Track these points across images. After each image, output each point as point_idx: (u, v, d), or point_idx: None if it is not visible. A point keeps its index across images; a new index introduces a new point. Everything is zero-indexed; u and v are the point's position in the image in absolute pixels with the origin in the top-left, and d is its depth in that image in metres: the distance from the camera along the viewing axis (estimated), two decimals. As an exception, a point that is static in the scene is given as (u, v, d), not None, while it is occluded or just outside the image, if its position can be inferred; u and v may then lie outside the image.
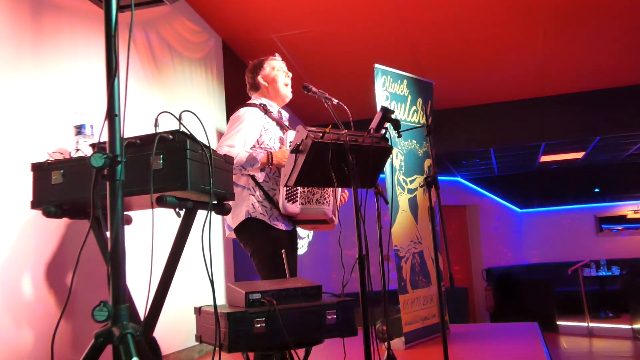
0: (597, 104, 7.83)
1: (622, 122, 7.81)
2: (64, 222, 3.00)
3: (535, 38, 6.05)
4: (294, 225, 3.13)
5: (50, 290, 2.90)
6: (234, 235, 3.10)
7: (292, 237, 3.12)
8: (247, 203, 2.98)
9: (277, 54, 3.34)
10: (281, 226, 3.02)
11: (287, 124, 3.26)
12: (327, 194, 3.09)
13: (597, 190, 11.60)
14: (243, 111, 3.09)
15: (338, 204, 3.15)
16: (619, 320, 8.58)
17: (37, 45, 3.06)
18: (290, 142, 3.04)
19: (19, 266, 2.76)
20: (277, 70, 3.25)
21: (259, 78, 3.25)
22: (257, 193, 2.99)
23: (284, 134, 3.15)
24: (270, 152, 2.97)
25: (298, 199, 2.97)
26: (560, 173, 11.54)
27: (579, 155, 10.07)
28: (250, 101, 3.24)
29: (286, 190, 2.95)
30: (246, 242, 3.02)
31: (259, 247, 2.97)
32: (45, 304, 2.86)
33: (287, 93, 3.27)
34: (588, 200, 11.55)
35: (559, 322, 8.37)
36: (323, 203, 3.05)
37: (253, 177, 3.01)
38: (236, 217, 3.00)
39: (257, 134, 3.05)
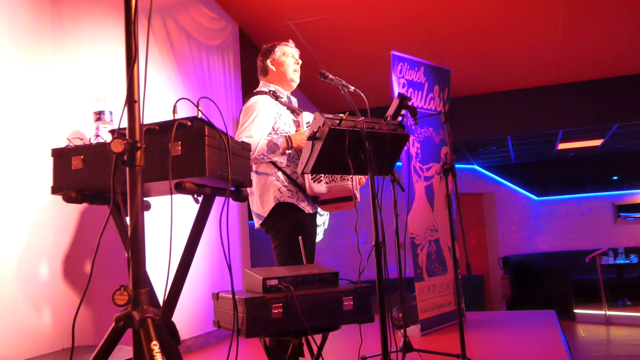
0: (616, 91, 7.71)
1: (641, 109, 7.70)
2: (81, 207, 3.04)
3: (554, 24, 5.96)
4: (316, 207, 3.14)
5: (68, 275, 2.93)
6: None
7: (314, 220, 3.14)
8: (273, 189, 2.98)
9: (290, 40, 3.31)
10: (308, 209, 3.03)
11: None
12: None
13: (615, 178, 11.47)
14: (255, 99, 3.08)
15: (358, 183, 3.15)
16: (637, 309, 8.51)
17: (56, 33, 3.08)
18: (307, 123, 3.04)
19: (38, 251, 2.80)
20: (287, 55, 3.23)
21: (268, 62, 3.23)
22: (282, 178, 3.00)
23: (296, 117, 3.15)
24: (289, 136, 2.98)
25: (323, 178, 2.98)
26: (578, 161, 11.43)
27: (597, 142, 9.95)
28: (259, 89, 3.23)
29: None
30: (270, 225, 3.02)
31: (282, 229, 2.97)
32: (63, 288, 2.90)
33: (294, 78, 3.25)
34: (606, 188, 11.42)
35: (576, 310, 8.33)
36: (347, 179, 3.05)
37: (274, 163, 3.01)
38: (265, 204, 3.00)
39: (272, 120, 3.05)
